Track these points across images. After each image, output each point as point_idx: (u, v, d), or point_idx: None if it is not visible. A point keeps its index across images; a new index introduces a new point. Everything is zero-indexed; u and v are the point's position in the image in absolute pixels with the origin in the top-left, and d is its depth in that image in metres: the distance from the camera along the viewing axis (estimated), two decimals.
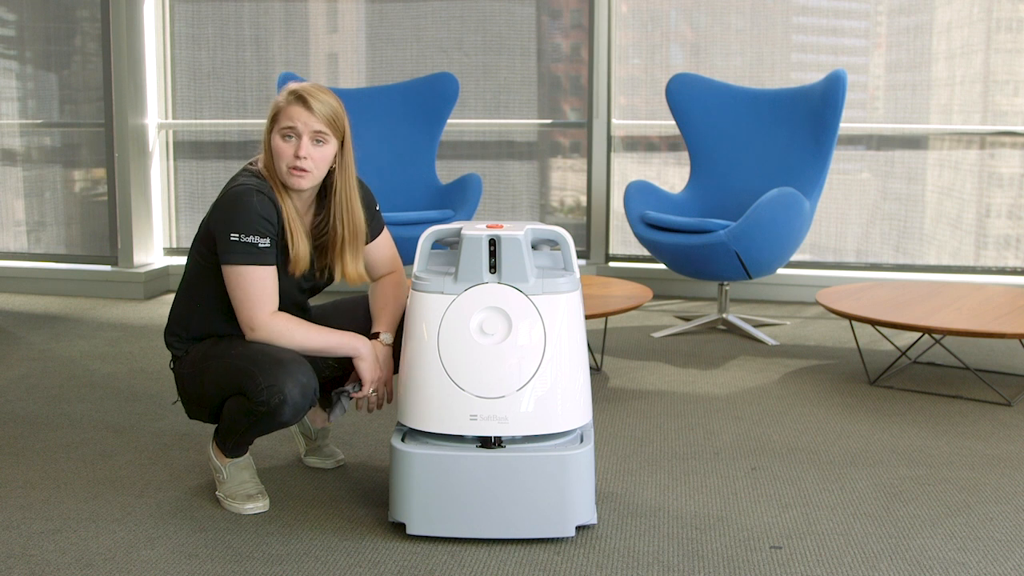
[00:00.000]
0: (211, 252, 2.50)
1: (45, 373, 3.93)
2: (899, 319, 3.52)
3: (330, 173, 2.53)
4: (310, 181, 2.47)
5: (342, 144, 2.51)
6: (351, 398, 2.55)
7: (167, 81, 5.83)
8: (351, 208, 2.55)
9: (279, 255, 2.48)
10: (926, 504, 2.62)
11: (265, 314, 2.45)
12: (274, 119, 2.47)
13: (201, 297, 2.56)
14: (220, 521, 2.51)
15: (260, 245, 2.41)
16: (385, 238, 2.71)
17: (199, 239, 2.56)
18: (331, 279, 2.64)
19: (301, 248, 2.49)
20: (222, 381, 2.47)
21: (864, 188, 5.55)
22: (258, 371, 2.39)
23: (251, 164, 2.55)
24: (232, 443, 2.57)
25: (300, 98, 2.44)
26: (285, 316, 2.49)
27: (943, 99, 5.40)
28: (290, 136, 2.44)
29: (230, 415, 2.49)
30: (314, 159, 2.45)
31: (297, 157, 2.43)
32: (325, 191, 2.56)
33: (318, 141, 2.45)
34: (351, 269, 2.58)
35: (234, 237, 2.40)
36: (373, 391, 2.53)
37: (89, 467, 2.90)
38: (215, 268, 2.49)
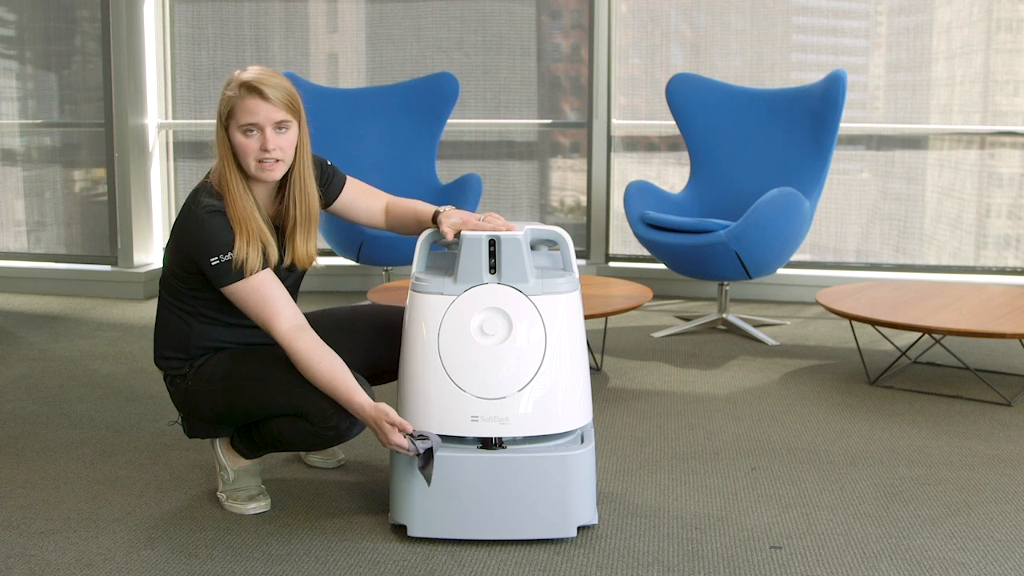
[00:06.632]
0: (188, 272, 2.42)
1: (45, 373, 3.93)
2: (899, 319, 3.52)
3: None
4: (282, 170, 2.39)
5: (299, 124, 2.42)
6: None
7: (167, 81, 5.82)
8: (305, 188, 2.45)
9: None
10: (926, 504, 2.62)
11: (284, 326, 2.34)
12: (230, 115, 2.34)
13: (192, 314, 2.48)
14: (220, 521, 2.51)
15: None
16: (352, 184, 2.63)
17: (172, 261, 2.46)
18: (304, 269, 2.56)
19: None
20: (269, 403, 2.40)
21: (864, 188, 5.55)
22: (319, 395, 2.34)
23: (207, 178, 2.45)
24: (265, 453, 2.56)
25: (254, 89, 2.32)
26: (308, 344, 2.34)
27: (943, 99, 5.40)
28: (252, 131, 2.34)
29: (281, 435, 2.43)
30: (281, 147, 2.36)
31: (265, 150, 2.34)
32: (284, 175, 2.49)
33: (281, 129, 2.36)
34: (301, 251, 2.47)
35: (215, 261, 2.33)
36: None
37: (89, 467, 2.90)
38: (198, 283, 2.42)
